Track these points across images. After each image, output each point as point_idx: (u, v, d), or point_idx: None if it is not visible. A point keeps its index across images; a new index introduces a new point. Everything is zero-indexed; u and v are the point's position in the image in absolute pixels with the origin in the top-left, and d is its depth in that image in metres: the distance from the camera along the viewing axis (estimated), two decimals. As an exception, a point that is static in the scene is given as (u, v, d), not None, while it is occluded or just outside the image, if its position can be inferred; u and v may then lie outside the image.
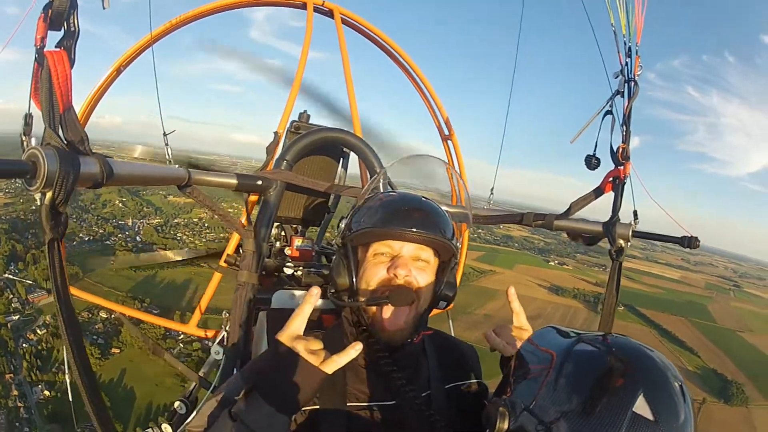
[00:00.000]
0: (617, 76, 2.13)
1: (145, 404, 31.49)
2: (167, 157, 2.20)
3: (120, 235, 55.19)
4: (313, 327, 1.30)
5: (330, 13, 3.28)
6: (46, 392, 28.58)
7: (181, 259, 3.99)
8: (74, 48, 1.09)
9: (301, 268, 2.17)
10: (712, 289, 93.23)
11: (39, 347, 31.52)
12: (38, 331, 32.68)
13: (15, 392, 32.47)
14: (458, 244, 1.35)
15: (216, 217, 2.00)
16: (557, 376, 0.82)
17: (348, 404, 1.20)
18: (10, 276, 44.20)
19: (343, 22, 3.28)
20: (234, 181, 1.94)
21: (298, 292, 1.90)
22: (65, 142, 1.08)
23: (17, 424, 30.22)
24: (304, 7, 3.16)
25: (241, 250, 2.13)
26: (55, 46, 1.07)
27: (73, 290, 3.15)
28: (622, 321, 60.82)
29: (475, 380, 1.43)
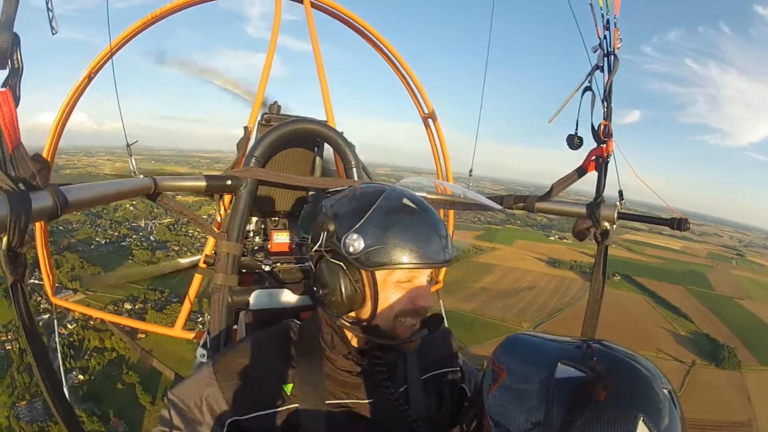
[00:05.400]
0: (596, 50, 2.01)
1: (171, 378, 35.26)
2: (131, 168, 2.11)
3: (134, 236, 57.27)
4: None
5: None
6: (80, 376, 31.72)
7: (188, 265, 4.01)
8: (19, 85, 1.07)
9: (279, 263, 2.16)
10: (714, 258, 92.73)
11: (71, 339, 34.44)
12: (68, 325, 36.31)
13: (52, 381, 36.60)
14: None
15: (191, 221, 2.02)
16: (546, 412, 0.71)
17: (327, 402, 1.22)
18: (36, 281, 48.00)
19: (313, 5, 3.19)
20: (203, 183, 1.92)
21: (275, 291, 1.88)
22: (16, 181, 1.06)
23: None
24: None
25: (215, 253, 2.10)
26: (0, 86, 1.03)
27: (63, 302, 3.52)
28: (616, 290, 60.53)
29: (449, 368, 1.46)
